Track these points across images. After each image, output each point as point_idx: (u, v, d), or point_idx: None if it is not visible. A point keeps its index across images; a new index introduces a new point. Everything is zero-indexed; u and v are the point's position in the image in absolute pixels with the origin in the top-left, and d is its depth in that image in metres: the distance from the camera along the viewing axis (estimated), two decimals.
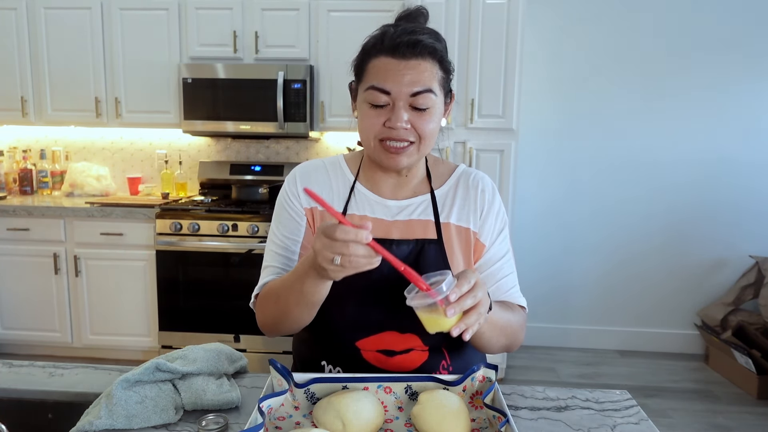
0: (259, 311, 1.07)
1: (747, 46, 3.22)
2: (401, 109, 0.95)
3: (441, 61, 0.98)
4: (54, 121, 3.32)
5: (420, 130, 0.97)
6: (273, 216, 1.13)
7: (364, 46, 1.01)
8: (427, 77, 0.95)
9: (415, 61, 0.95)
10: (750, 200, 3.35)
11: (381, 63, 0.96)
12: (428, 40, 0.96)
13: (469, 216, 1.09)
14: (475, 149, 2.92)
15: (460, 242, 1.08)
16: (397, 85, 0.94)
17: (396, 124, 0.96)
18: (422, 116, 0.97)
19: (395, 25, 0.99)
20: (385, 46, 0.96)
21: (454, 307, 0.80)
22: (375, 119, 0.97)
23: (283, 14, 3.10)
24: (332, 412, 0.84)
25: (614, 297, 3.51)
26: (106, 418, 0.86)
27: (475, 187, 1.11)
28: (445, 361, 1.07)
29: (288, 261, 1.08)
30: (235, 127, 3.16)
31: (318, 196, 0.81)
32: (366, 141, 1.01)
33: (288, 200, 1.10)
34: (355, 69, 1.02)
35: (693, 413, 2.73)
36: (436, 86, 0.97)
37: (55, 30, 3.22)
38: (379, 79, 0.96)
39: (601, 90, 3.34)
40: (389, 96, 0.95)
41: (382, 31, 0.98)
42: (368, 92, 0.97)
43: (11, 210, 3.04)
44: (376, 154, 1.01)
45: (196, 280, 2.96)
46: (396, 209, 1.08)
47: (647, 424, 0.93)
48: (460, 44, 2.86)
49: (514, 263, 1.14)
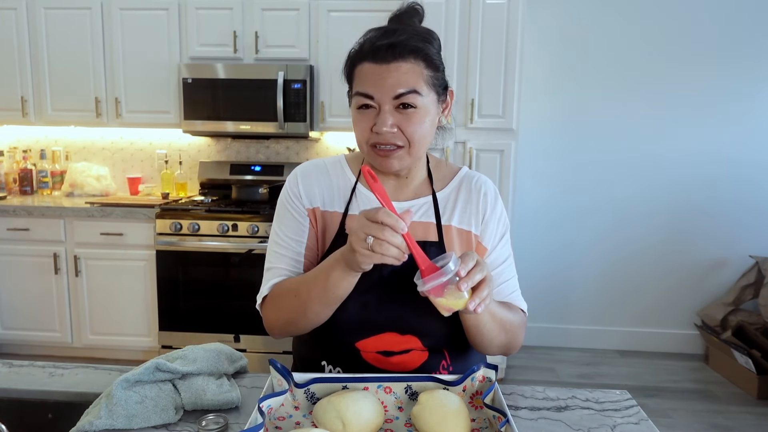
0: (268, 312, 1.06)
1: (747, 46, 3.22)
2: (386, 113, 0.95)
3: (426, 59, 0.97)
4: (54, 121, 3.32)
5: (408, 133, 0.97)
6: (275, 217, 1.13)
7: (349, 54, 1.01)
8: (410, 78, 0.95)
9: (395, 63, 0.94)
10: (750, 200, 3.35)
11: (364, 69, 0.97)
12: (409, 40, 0.95)
13: (471, 219, 1.09)
14: (475, 149, 2.92)
15: (461, 245, 1.08)
16: (380, 89, 0.95)
17: (381, 128, 0.95)
18: (410, 118, 0.96)
19: (377, 29, 0.99)
20: (365, 51, 0.96)
21: (466, 281, 0.83)
22: (363, 124, 0.98)
23: (283, 14, 3.10)
24: (332, 412, 0.84)
25: (614, 297, 3.51)
26: (106, 418, 0.86)
27: (477, 191, 1.11)
28: (445, 361, 1.07)
29: (294, 263, 1.07)
30: (235, 127, 3.16)
31: (382, 190, 0.87)
32: (360, 146, 1.02)
33: (290, 201, 1.09)
34: (346, 76, 1.03)
35: (693, 413, 2.73)
36: (423, 86, 0.96)
37: (55, 30, 3.22)
38: (363, 85, 0.96)
39: (601, 90, 3.34)
40: (374, 100, 0.96)
41: (364, 37, 0.99)
42: (355, 98, 0.98)
43: (11, 210, 3.04)
44: (369, 158, 1.02)
45: (196, 280, 2.96)
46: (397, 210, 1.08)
47: (647, 424, 0.93)
48: (460, 44, 2.86)
49: (514, 268, 1.14)
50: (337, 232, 1.06)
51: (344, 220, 1.06)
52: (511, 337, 1.05)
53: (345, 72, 1.03)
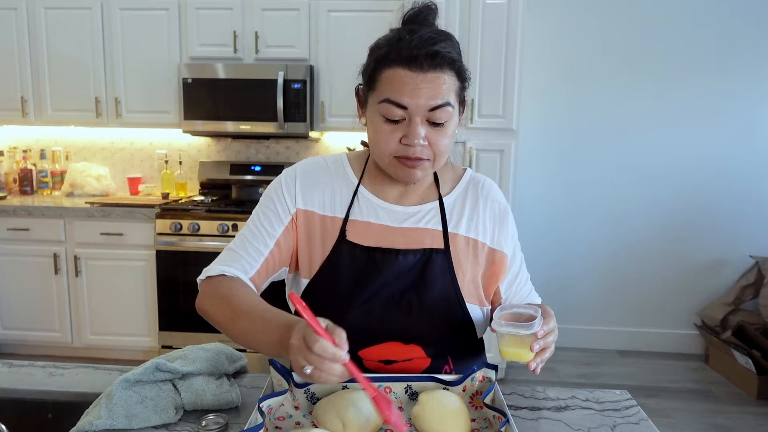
0: (203, 294, 1.01)
1: (747, 48, 3.22)
2: (418, 125, 0.91)
3: (459, 72, 0.94)
4: (54, 121, 3.32)
5: (435, 147, 0.94)
6: (260, 200, 1.07)
7: (376, 54, 0.94)
8: (445, 90, 0.91)
9: (433, 73, 0.89)
10: (750, 200, 3.35)
11: (397, 75, 0.90)
12: (447, 49, 0.91)
13: (479, 228, 1.06)
14: (475, 149, 2.92)
15: (467, 254, 1.05)
16: (415, 99, 0.89)
17: (413, 141, 0.91)
18: (439, 131, 0.93)
19: (410, 31, 0.92)
20: (402, 56, 0.89)
21: (540, 342, 0.88)
22: (390, 135, 0.93)
23: (283, 14, 3.10)
24: (332, 412, 0.84)
25: (614, 297, 3.51)
26: (106, 418, 0.86)
27: (485, 199, 1.09)
28: (448, 366, 1.06)
29: (256, 254, 1.01)
30: (235, 127, 3.16)
31: (302, 306, 0.75)
32: (380, 156, 0.97)
33: (280, 194, 1.04)
34: (367, 77, 0.96)
35: (693, 413, 2.73)
36: (453, 98, 0.93)
37: (55, 30, 3.22)
38: (395, 93, 0.90)
39: (601, 90, 3.33)
40: (406, 111, 0.90)
41: (396, 38, 0.92)
42: (382, 105, 0.91)
43: (11, 210, 3.04)
44: (390, 169, 0.98)
45: (196, 280, 2.95)
46: (403, 216, 1.04)
47: (647, 424, 0.93)
48: (460, 44, 2.86)
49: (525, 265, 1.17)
50: (338, 238, 1.02)
51: (345, 226, 1.02)
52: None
53: (366, 72, 0.96)
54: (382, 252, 1.01)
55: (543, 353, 0.89)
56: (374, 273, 1.00)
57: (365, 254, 1.01)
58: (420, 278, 1.01)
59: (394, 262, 1.00)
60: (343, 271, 1.01)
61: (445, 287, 1.02)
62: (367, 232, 1.03)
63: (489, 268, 1.07)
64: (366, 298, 0.99)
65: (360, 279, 1.00)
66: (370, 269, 1.00)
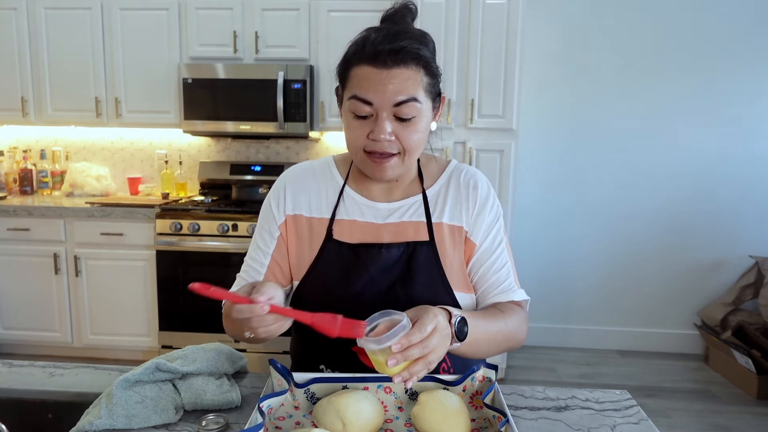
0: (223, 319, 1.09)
1: (747, 46, 3.22)
2: (384, 120, 0.93)
3: (426, 66, 0.94)
4: (54, 121, 3.32)
5: (404, 142, 0.95)
6: (259, 217, 1.13)
7: (345, 53, 0.97)
8: (410, 85, 0.92)
9: (397, 69, 0.91)
10: (750, 200, 3.35)
11: (362, 72, 0.92)
12: (412, 45, 0.92)
13: (462, 214, 1.06)
14: (475, 149, 2.92)
15: (453, 241, 1.05)
16: (380, 95, 0.91)
17: (379, 136, 0.93)
18: (407, 126, 0.94)
19: (378, 29, 0.95)
20: (366, 53, 0.92)
21: (397, 357, 0.77)
22: (359, 130, 0.95)
23: (283, 14, 3.10)
24: (332, 412, 0.84)
25: (614, 297, 3.51)
26: (106, 418, 0.86)
27: (466, 185, 1.07)
28: (445, 364, 1.06)
29: (255, 273, 1.09)
30: (235, 127, 3.16)
31: (208, 291, 0.82)
32: (352, 152, 1.00)
33: (269, 209, 1.09)
34: (339, 75, 0.99)
35: (693, 413, 2.73)
36: (421, 93, 0.93)
37: (55, 30, 3.22)
38: (361, 89, 0.92)
39: (601, 90, 3.33)
40: (372, 106, 0.92)
41: (363, 36, 0.94)
42: (351, 102, 0.94)
43: (11, 210, 3.04)
44: (362, 165, 1.00)
45: (196, 280, 2.95)
46: (387, 212, 1.06)
47: (647, 424, 0.93)
48: (460, 44, 2.86)
49: (510, 255, 1.09)
50: (325, 238, 1.05)
51: (331, 226, 1.05)
52: (508, 343, 1.03)
53: (338, 70, 0.99)
54: (366, 248, 1.03)
55: (412, 366, 0.79)
56: (360, 270, 1.02)
57: (351, 251, 1.03)
58: (406, 272, 1.02)
59: (378, 257, 1.02)
60: (330, 270, 1.03)
61: (432, 278, 1.02)
62: (353, 230, 1.05)
63: (465, 255, 1.07)
64: (355, 295, 1.00)
65: (347, 276, 1.02)
66: (356, 266, 1.02)
